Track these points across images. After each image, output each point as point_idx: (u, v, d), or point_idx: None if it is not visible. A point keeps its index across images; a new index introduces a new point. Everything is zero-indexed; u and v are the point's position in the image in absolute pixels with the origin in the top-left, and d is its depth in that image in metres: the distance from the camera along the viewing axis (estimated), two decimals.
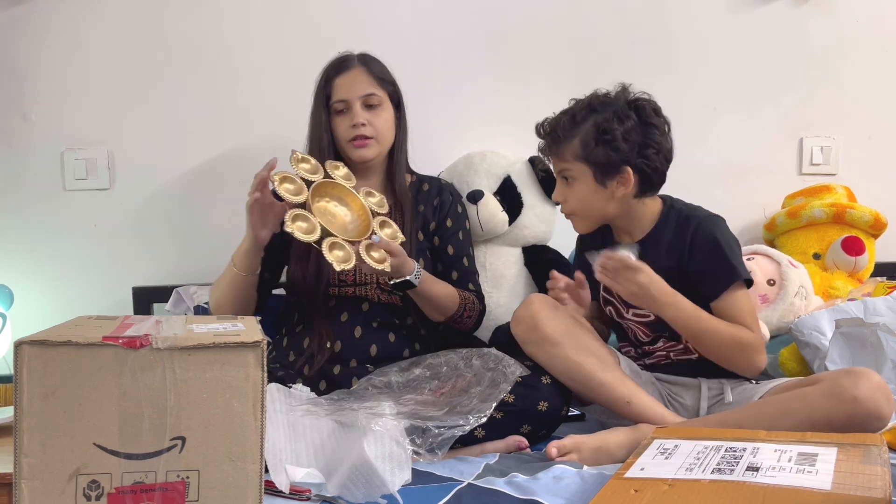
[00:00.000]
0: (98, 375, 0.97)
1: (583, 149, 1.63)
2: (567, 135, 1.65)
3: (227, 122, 2.25)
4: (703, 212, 1.70)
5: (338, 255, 1.60)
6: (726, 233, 1.67)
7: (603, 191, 1.65)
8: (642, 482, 1.16)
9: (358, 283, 1.81)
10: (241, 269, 1.72)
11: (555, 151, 1.69)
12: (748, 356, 1.61)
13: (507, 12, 2.36)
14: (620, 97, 1.67)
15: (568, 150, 1.65)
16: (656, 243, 1.67)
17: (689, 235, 1.65)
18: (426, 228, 1.90)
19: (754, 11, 2.45)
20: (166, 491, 0.99)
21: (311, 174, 1.69)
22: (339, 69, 1.85)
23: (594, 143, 1.62)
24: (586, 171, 1.65)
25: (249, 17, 2.27)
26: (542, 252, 2.19)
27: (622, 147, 1.62)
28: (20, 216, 2.22)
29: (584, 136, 1.63)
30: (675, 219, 1.69)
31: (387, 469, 1.24)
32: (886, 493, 1.04)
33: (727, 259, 1.62)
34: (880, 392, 1.41)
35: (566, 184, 1.69)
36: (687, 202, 1.74)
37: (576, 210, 1.71)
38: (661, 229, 1.69)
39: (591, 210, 1.69)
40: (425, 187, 1.95)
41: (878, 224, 2.30)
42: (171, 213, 2.26)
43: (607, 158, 1.62)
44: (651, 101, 1.67)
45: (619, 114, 1.63)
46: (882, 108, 2.52)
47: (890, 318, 1.84)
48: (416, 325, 1.84)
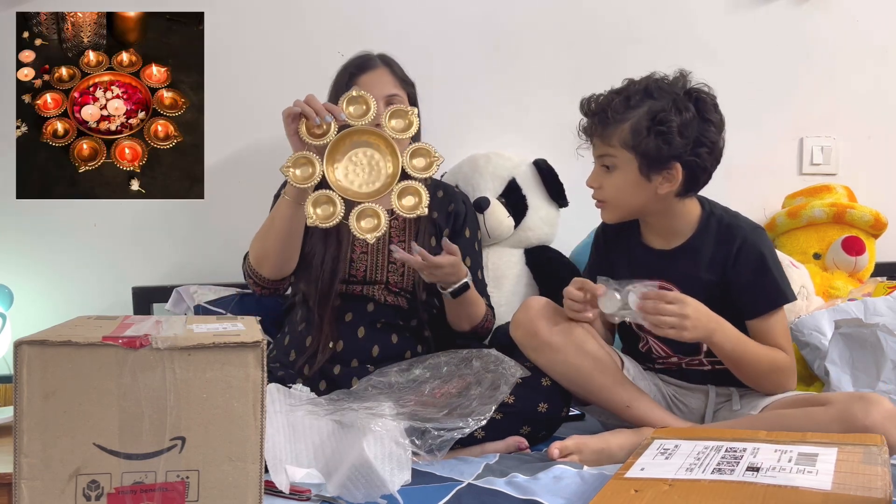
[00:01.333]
0: (98, 375, 0.97)
1: (633, 136, 1.51)
2: (618, 118, 1.52)
3: (228, 123, 2.25)
4: (746, 222, 1.62)
5: (364, 227, 1.55)
6: (771, 248, 1.60)
7: (645, 184, 1.54)
8: (642, 482, 1.16)
9: (367, 282, 1.80)
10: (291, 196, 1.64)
11: (600, 133, 1.55)
12: (782, 380, 1.58)
13: (507, 13, 2.35)
14: (679, 84, 1.55)
15: (616, 134, 1.53)
16: (696, 254, 1.60)
17: (734, 249, 1.57)
18: (440, 235, 1.89)
19: (754, 11, 2.45)
20: (166, 491, 0.99)
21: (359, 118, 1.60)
22: (363, 68, 1.84)
23: (646, 132, 1.50)
24: (631, 161, 1.53)
25: (250, 20, 2.27)
26: (543, 251, 2.19)
27: (676, 141, 1.50)
28: (20, 216, 2.22)
29: (636, 122, 1.51)
30: (715, 227, 1.60)
31: (386, 469, 1.24)
32: (886, 493, 1.04)
33: (775, 280, 1.57)
34: (891, 421, 1.36)
35: (605, 170, 1.57)
36: (724, 206, 1.66)
37: (611, 199, 1.59)
38: (702, 238, 1.60)
39: (627, 202, 1.58)
40: (440, 194, 1.93)
41: (879, 224, 2.30)
42: (172, 213, 2.26)
43: (658, 151, 1.50)
44: (711, 95, 1.57)
45: (678, 104, 1.51)
46: (882, 108, 2.52)
47: (890, 318, 1.84)
48: (420, 326, 1.83)
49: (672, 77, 1.57)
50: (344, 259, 1.79)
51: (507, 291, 2.11)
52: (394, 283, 1.80)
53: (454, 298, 1.74)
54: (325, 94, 1.86)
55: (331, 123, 1.58)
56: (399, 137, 1.60)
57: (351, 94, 1.61)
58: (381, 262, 1.81)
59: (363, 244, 1.80)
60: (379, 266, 1.81)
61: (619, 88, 1.57)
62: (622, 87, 1.57)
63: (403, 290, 1.81)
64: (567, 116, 2.32)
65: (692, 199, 1.62)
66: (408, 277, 1.81)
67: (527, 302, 1.65)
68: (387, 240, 1.81)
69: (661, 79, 1.56)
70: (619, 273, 1.64)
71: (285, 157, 1.68)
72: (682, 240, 1.62)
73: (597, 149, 1.59)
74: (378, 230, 1.55)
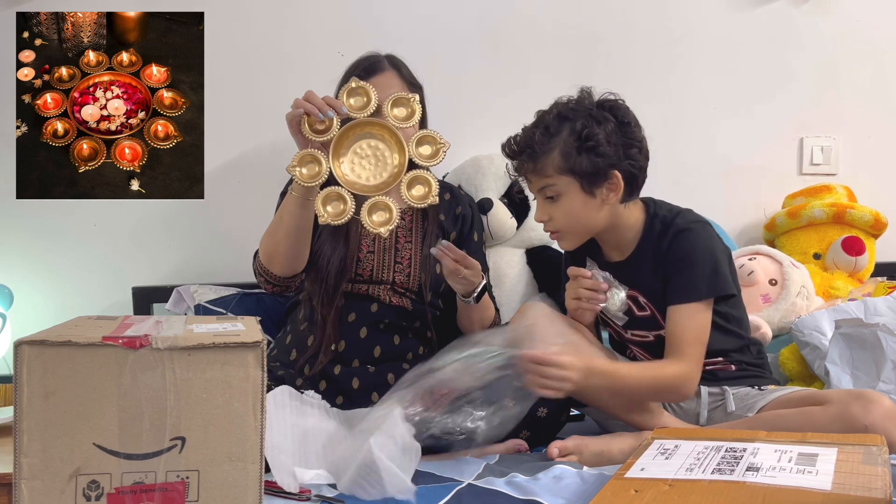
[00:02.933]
0: (98, 375, 0.97)
1: (565, 160, 1.54)
2: (544, 149, 1.55)
3: (228, 123, 2.25)
4: (688, 216, 1.63)
5: (376, 221, 1.53)
6: (709, 245, 1.59)
7: (592, 200, 1.57)
8: (642, 482, 1.16)
9: (373, 281, 1.79)
10: (299, 193, 1.62)
11: (532, 169, 1.58)
12: (672, 396, 1.58)
13: (507, 13, 2.36)
14: (587, 101, 1.58)
15: (548, 164, 1.55)
16: (643, 259, 1.62)
17: (666, 242, 1.59)
18: (447, 237, 1.88)
19: (754, 11, 2.45)
20: (166, 491, 0.99)
21: (360, 110, 1.57)
22: (371, 71, 1.80)
23: (576, 152, 1.53)
24: (572, 183, 1.56)
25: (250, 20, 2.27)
26: (543, 251, 2.19)
27: (607, 151, 1.54)
28: (20, 216, 2.22)
29: (563, 146, 1.54)
30: (658, 227, 1.62)
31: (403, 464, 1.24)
32: (886, 493, 1.04)
33: (693, 275, 1.56)
34: (891, 420, 1.36)
35: (550, 202, 1.59)
36: (671, 205, 1.67)
37: (563, 227, 1.62)
38: (647, 242, 1.62)
39: (580, 224, 1.61)
40: (447, 196, 1.92)
41: (879, 224, 2.30)
42: (172, 213, 2.25)
43: (593, 166, 1.54)
44: (620, 100, 1.59)
45: (595, 117, 1.55)
46: (882, 108, 2.52)
47: (890, 318, 1.83)
48: (424, 328, 1.83)
49: (577, 96, 1.60)
50: (352, 258, 1.78)
51: (508, 291, 2.11)
52: (400, 284, 1.80)
53: (476, 303, 1.74)
54: (326, 94, 1.85)
55: (333, 118, 1.56)
56: (402, 126, 1.58)
57: (350, 87, 1.58)
58: (387, 262, 1.81)
59: (370, 243, 1.80)
60: (386, 266, 1.81)
61: (534, 123, 1.59)
62: (536, 121, 1.60)
63: (409, 291, 1.81)
64: None
65: (636, 205, 1.64)
66: (414, 278, 1.80)
67: (524, 307, 1.66)
68: (394, 239, 1.81)
69: (567, 102, 1.59)
70: None
71: (286, 157, 1.67)
72: (633, 247, 1.64)
73: (534, 184, 1.61)
74: (391, 223, 1.53)
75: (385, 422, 1.33)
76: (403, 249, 1.82)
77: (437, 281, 1.81)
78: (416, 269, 1.80)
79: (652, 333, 1.65)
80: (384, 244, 1.81)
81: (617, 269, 1.66)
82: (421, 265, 1.81)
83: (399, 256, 1.80)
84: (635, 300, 1.64)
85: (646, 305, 1.64)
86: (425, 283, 1.80)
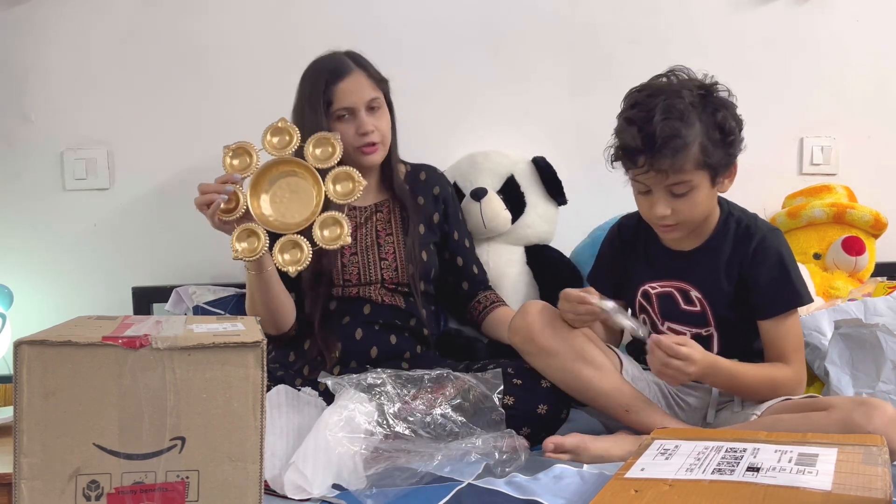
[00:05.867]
0: (98, 375, 0.97)
1: (704, 155, 1.45)
2: (684, 143, 1.44)
3: (228, 122, 2.24)
4: (764, 223, 1.61)
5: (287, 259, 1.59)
6: (789, 250, 1.58)
7: (712, 191, 1.52)
8: (642, 482, 1.16)
9: (362, 283, 1.80)
10: (251, 268, 1.66)
11: (670, 166, 1.45)
12: (782, 395, 1.56)
13: (506, 13, 2.35)
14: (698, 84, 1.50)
15: (687, 159, 1.45)
16: (715, 254, 1.58)
17: (751, 249, 1.55)
18: (429, 221, 1.88)
19: (754, 11, 2.45)
20: (166, 491, 0.99)
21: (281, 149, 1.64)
22: (339, 74, 1.77)
23: (713, 146, 1.46)
24: (705, 177, 1.48)
25: (250, 17, 2.27)
26: (544, 251, 2.19)
27: (738, 141, 1.49)
28: (20, 216, 2.22)
29: (702, 140, 1.45)
30: (734, 227, 1.58)
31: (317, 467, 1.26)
32: (886, 493, 1.04)
33: (791, 281, 1.55)
34: (894, 427, 1.35)
35: (676, 197, 1.49)
36: (742, 207, 1.64)
37: (685, 220, 1.52)
38: (721, 239, 1.58)
39: (700, 216, 1.54)
40: (422, 176, 1.92)
41: (879, 224, 2.30)
42: (171, 213, 2.25)
43: (728, 158, 1.48)
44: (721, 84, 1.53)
45: (724, 105, 1.48)
46: (882, 108, 2.52)
47: (890, 318, 1.83)
48: (419, 325, 1.83)
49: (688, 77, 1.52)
50: (334, 268, 1.78)
51: (508, 290, 2.11)
52: (389, 280, 1.80)
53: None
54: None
55: (236, 191, 1.61)
56: (321, 167, 1.62)
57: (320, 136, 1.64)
58: (372, 260, 1.81)
59: (352, 247, 1.80)
60: (371, 264, 1.80)
61: (662, 112, 1.44)
62: (666, 107, 1.45)
63: (400, 286, 1.81)
64: (566, 116, 2.35)
65: None
66: (402, 272, 1.81)
67: (524, 307, 1.65)
68: (374, 236, 1.82)
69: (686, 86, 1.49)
70: (637, 274, 1.64)
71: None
72: (701, 241, 1.61)
73: (668, 179, 1.48)
74: (300, 263, 1.58)
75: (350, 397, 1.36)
76: (386, 245, 1.82)
77: (426, 268, 1.82)
78: (402, 262, 1.80)
79: (692, 330, 1.60)
80: (364, 244, 1.81)
81: (676, 257, 1.62)
82: (406, 256, 1.81)
83: (383, 252, 1.80)
84: (685, 294, 1.61)
85: (697, 301, 1.60)
86: (414, 274, 1.80)
